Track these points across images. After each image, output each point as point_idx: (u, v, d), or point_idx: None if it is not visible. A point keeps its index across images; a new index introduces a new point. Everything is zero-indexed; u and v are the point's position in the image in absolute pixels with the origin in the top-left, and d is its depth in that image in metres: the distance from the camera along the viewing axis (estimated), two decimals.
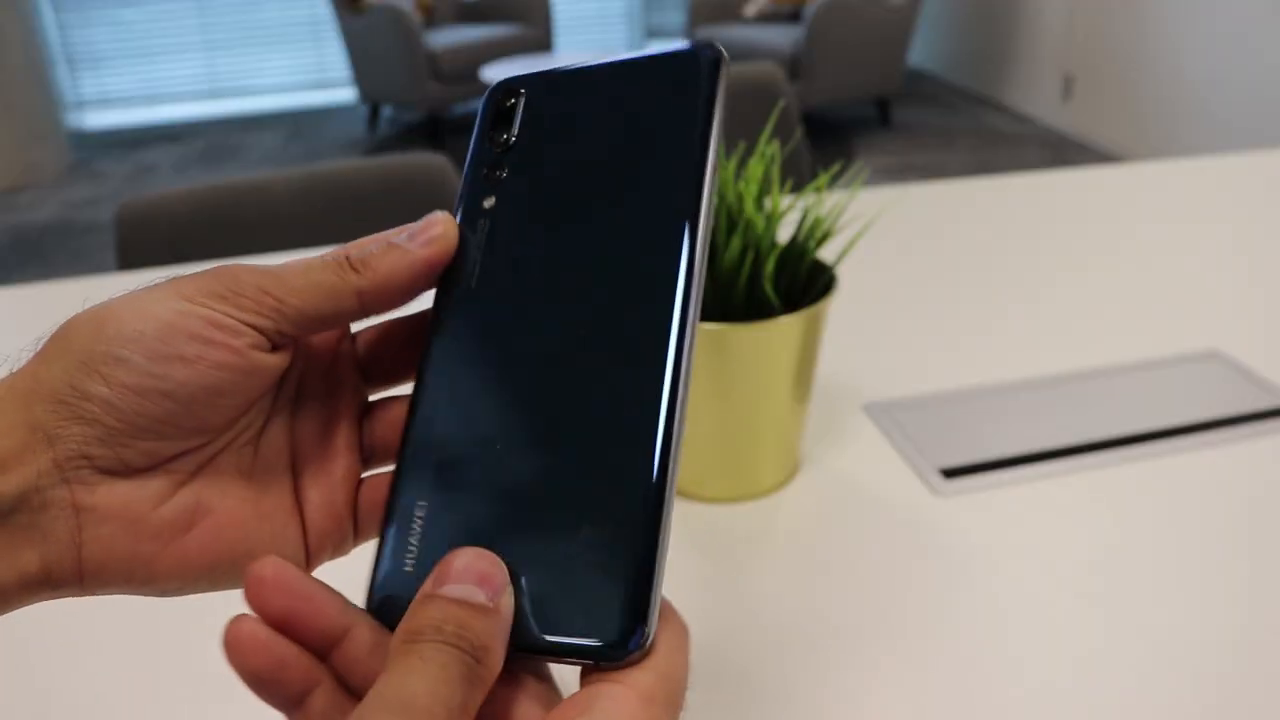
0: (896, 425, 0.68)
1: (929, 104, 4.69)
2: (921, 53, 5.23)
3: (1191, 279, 0.90)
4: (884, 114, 4.34)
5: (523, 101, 0.31)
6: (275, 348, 0.29)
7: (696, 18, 4.36)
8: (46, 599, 0.27)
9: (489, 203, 0.30)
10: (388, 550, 0.28)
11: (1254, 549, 0.56)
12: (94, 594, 0.27)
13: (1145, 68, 3.72)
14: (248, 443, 0.30)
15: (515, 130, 0.31)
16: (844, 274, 0.89)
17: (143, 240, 1.06)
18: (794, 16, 4.28)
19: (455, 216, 0.30)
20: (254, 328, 0.28)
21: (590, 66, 0.31)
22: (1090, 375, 0.74)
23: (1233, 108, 3.34)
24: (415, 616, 0.24)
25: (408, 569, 0.27)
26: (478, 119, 0.32)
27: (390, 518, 0.28)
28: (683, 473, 0.61)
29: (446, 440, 0.29)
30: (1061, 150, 3.97)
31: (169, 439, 0.27)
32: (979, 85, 4.83)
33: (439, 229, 0.30)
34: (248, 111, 4.98)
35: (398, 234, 0.30)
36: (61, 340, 0.27)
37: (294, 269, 0.28)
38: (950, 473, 0.63)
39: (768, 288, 0.55)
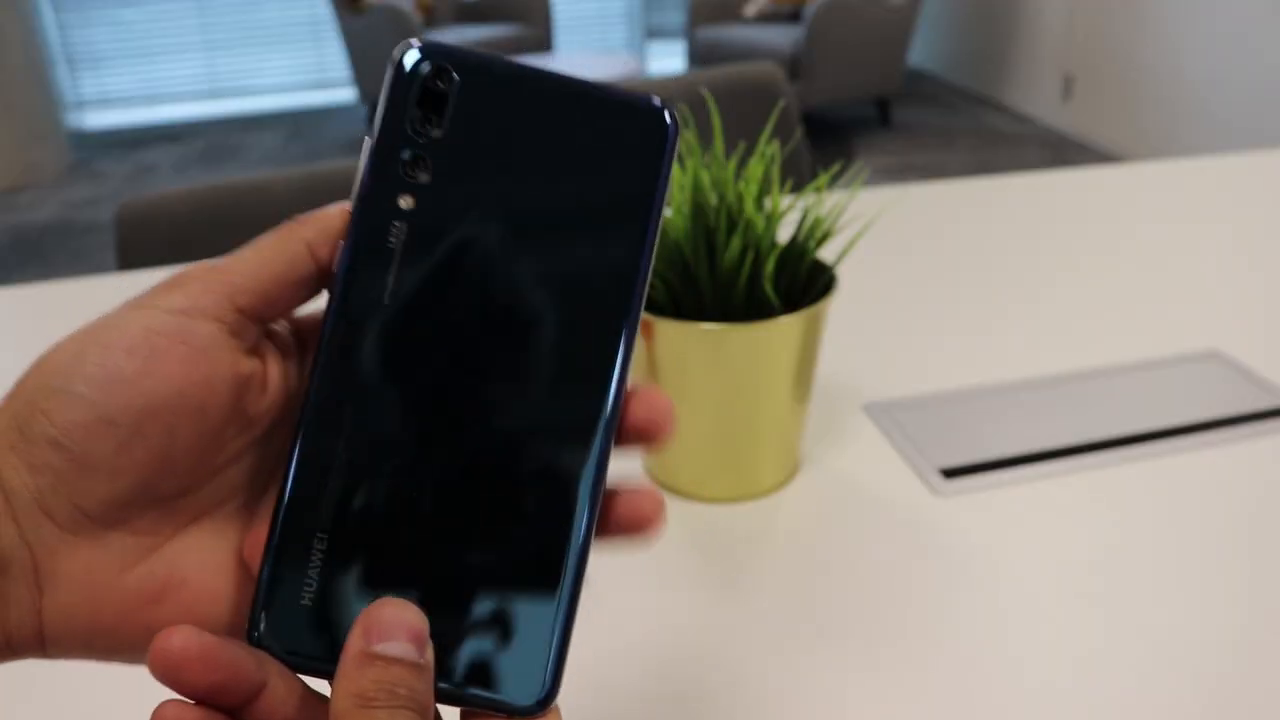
0: (896, 425, 0.68)
1: (929, 104, 4.68)
2: (921, 53, 5.23)
3: (1191, 279, 0.90)
4: (884, 114, 4.34)
5: (457, 89, 0.27)
6: (240, 348, 0.27)
7: (696, 18, 4.36)
8: (5, 660, 0.25)
9: (405, 203, 0.27)
10: (278, 580, 0.26)
11: (1254, 549, 0.56)
12: (58, 659, 0.26)
13: (1145, 68, 3.72)
14: (226, 499, 0.28)
15: (446, 123, 0.27)
16: (844, 274, 0.89)
17: (143, 240, 1.06)
18: (794, 16, 4.28)
19: (354, 200, 0.27)
20: (208, 316, 0.26)
21: (538, 75, 0.28)
22: (1090, 375, 0.74)
23: (1233, 108, 3.34)
24: (362, 678, 0.23)
25: (305, 602, 0.26)
26: (393, 84, 0.27)
27: (280, 546, 0.26)
28: (683, 473, 0.61)
29: (350, 470, 0.26)
30: (1061, 150, 3.97)
31: (126, 480, 0.25)
32: (979, 85, 4.83)
33: None
34: (248, 111, 4.98)
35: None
36: (17, 384, 0.25)
37: (238, 253, 0.27)
38: (950, 473, 0.63)
39: (768, 288, 0.55)
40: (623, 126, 0.28)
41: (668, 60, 5.31)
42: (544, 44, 4.48)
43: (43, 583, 0.25)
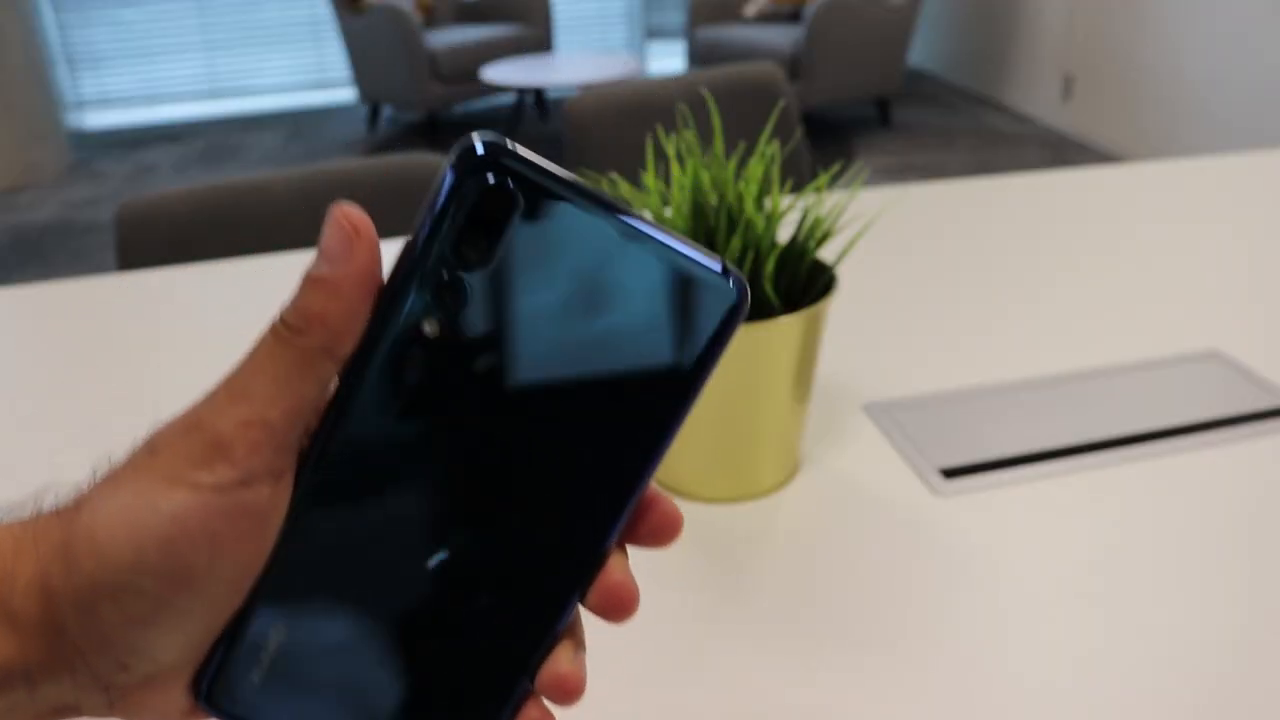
0: (896, 425, 0.68)
1: (929, 104, 4.68)
2: (921, 53, 5.23)
3: (1191, 279, 0.90)
4: (884, 114, 4.34)
5: (517, 212, 0.25)
6: (284, 481, 0.27)
7: (696, 18, 4.36)
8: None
9: (430, 328, 0.25)
10: (234, 649, 0.26)
11: (1254, 549, 0.56)
12: None
13: (1145, 68, 3.72)
14: None
15: (496, 252, 0.25)
16: (844, 274, 0.89)
17: (143, 240, 1.06)
18: (794, 16, 4.28)
19: (379, 312, 0.25)
20: (259, 479, 0.25)
21: (606, 209, 0.25)
22: (1090, 375, 0.74)
23: (1233, 108, 3.34)
24: None
25: (253, 680, 0.27)
26: (449, 191, 0.25)
27: (245, 620, 0.26)
28: (683, 473, 0.61)
29: (321, 586, 0.27)
30: (1061, 150, 3.97)
31: (195, 635, 0.26)
32: (979, 85, 4.83)
33: (344, 232, 0.25)
34: (248, 111, 4.98)
35: (314, 267, 0.25)
36: (67, 552, 0.25)
37: (248, 379, 0.25)
38: (950, 473, 0.63)
39: (768, 288, 0.55)
40: (685, 286, 0.25)
41: (668, 60, 5.31)
42: (544, 44, 4.48)
43: (116, 705, 0.26)
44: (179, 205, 1.09)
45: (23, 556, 0.25)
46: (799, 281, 0.59)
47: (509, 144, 0.25)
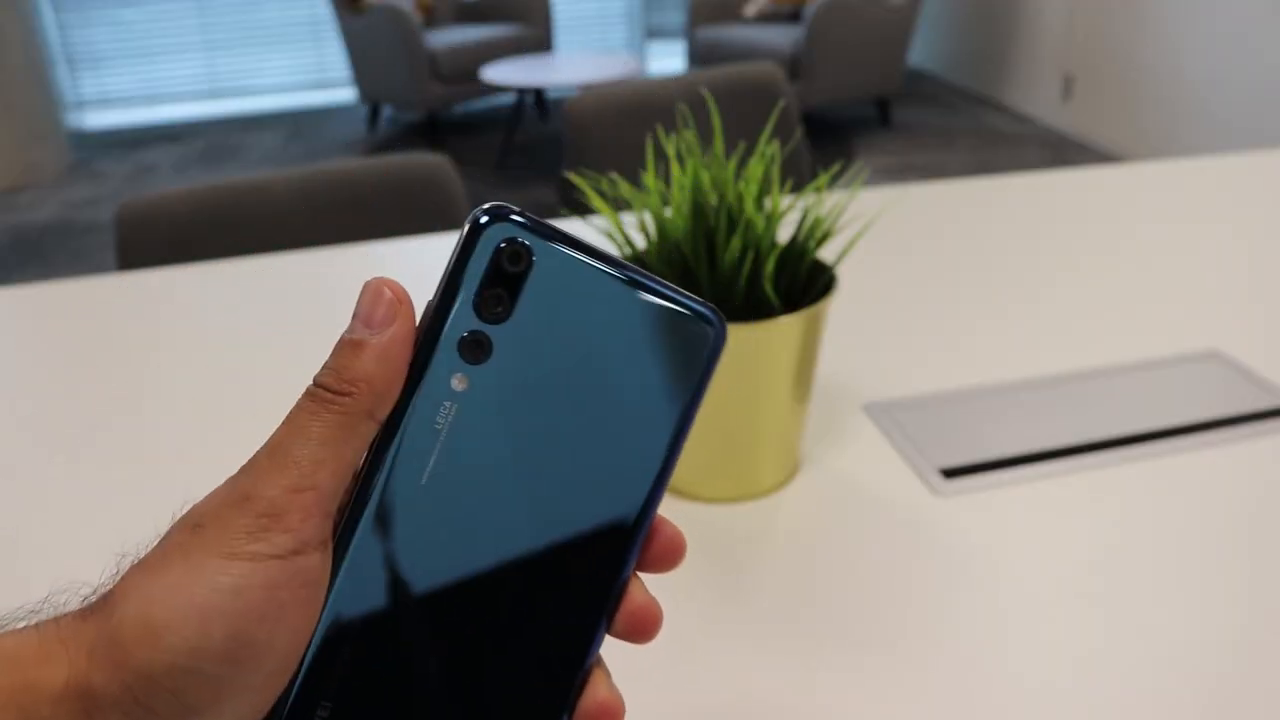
0: (896, 425, 0.68)
1: (929, 104, 4.68)
2: (921, 53, 5.23)
3: (1191, 279, 0.90)
4: (884, 114, 4.34)
5: (531, 271, 0.27)
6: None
7: (696, 18, 4.36)
8: None
9: (458, 383, 0.27)
10: None
11: (1254, 549, 0.56)
12: None
13: (1145, 68, 3.72)
14: None
15: (515, 307, 0.27)
16: (844, 274, 0.89)
17: (143, 240, 1.06)
18: (794, 16, 4.28)
19: (425, 375, 0.27)
20: (313, 546, 0.25)
21: (605, 263, 0.28)
22: (1090, 375, 0.74)
23: (1233, 108, 3.34)
24: None
25: None
26: (469, 254, 0.27)
27: (295, 703, 0.27)
28: (683, 473, 0.61)
29: (363, 650, 0.27)
30: (1061, 150, 3.97)
31: (257, 705, 0.26)
32: (979, 85, 4.83)
33: (386, 299, 0.26)
34: (248, 111, 4.98)
35: (350, 332, 0.26)
36: (113, 649, 0.24)
37: (291, 444, 0.25)
38: (950, 473, 0.63)
39: (768, 288, 0.55)
40: (673, 328, 0.28)
41: (668, 60, 5.31)
42: (544, 44, 4.48)
43: None
44: (179, 205, 1.09)
45: (51, 663, 0.24)
46: (799, 281, 0.59)
47: (516, 208, 0.27)
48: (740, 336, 0.55)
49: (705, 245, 0.56)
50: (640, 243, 0.60)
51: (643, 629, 0.29)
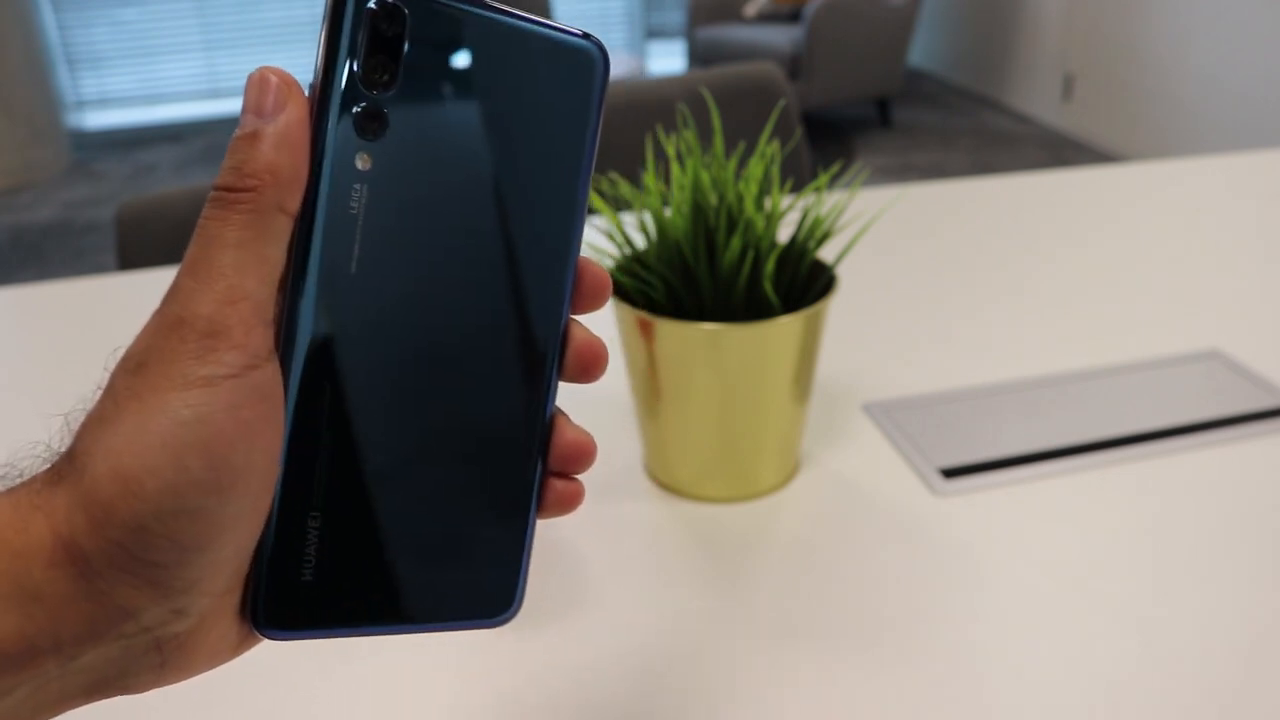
0: (896, 425, 0.68)
1: (929, 104, 4.68)
2: (921, 53, 5.23)
3: (1191, 279, 0.90)
4: (884, 114, 4.34)
5: (408, 33, 0.26)
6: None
7: (696, 18, 4.36)
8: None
9: (362, 163, 0.26)
10: (276, 562, 0.27)
11: (1254, 549, 0.56)
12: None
13: (1145, 68, 3.72)
14: None
15: (401, 72, 0.26)
16: (844, 274, 0.89)
17: (142, 240, 1.06)
18: (794, 16, 4.28)
19: (325, 160, 0.25)
20: (264, 356, 0.24)
21: (475, 11, 0.27)
22: (1090, 375, 0.74)
23: (1233, 108, 3.33)
24: None
25: (306, 578, 0.27)
26: (336, 24, 0.25)
27: (278, 531, 0.27)
28: (683, 473, 0.61)
29: (333, 450, 0.27)
30: (1061, 150, 3.97)
31: (247, 541, 0.25)
32: (979, 85, 4.83)
33: (273, 84, 0.25)
34: None
35: (242, 127, 0.25)
36: (90, 506, 0.23)
37: (210, 254, 0.24)
38: (950, 473, 0.63)
39: (768, 288, 0.55)
40: (557, 61, 0.28)
41: (668, 60, 5.31)
42: None
43: (169, 655, 0.25)
44: (179, 205, 1.09)
45: (32, 530, 0.23)
46: (799, 281, 0.59)
47: None
48: (740, 336, 0.55)
49: (705, 245, 0.56)
50: (640, 243, 0.60)
51: (591, 364, 0.29)
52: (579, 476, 0.30)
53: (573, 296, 0.29)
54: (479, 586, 0.29)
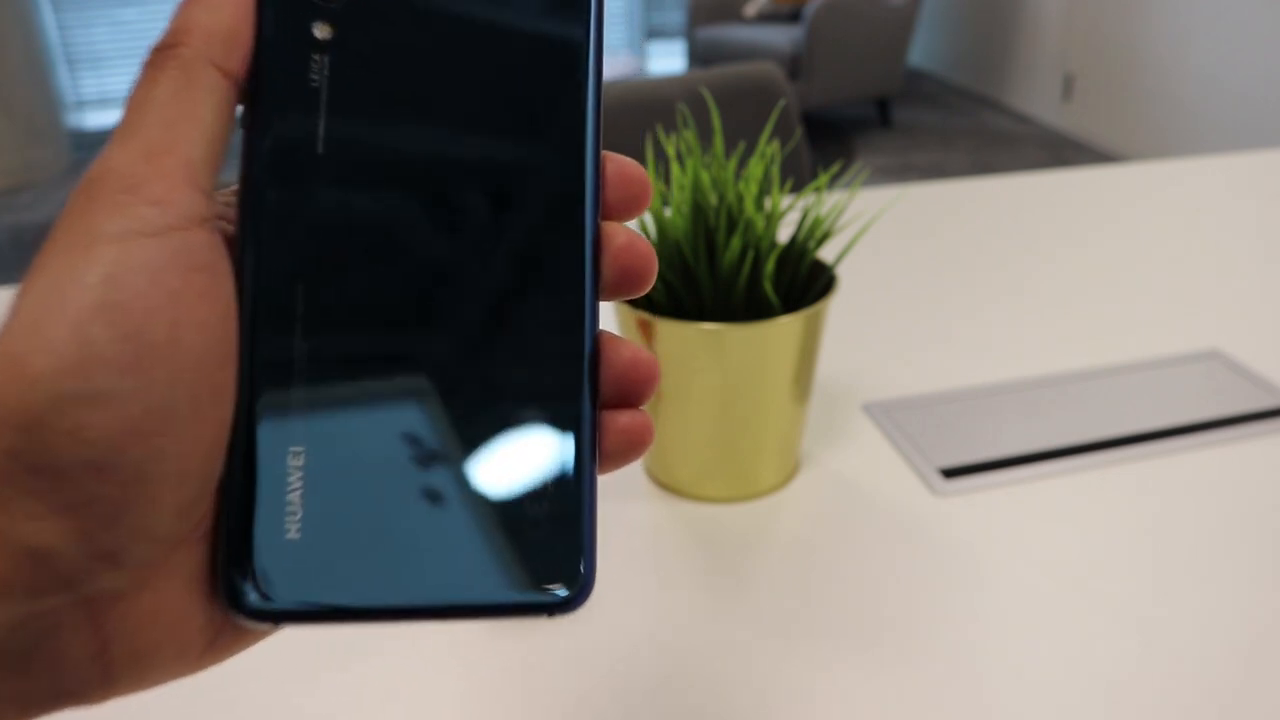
0: (896, 425, 0.68)
1: (929, 104, 4.68)
2: (921, 53, 5.23)
3: (1191, 279, 0.90)
4: (884, 114, 4.34)
5: None
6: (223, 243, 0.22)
7: (696, 17, 4.36)
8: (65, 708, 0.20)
9: (321, 31, 0.22)
10: (247, 510, 0.21)
11: (1254, 549, 0.56)
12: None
13: (1145, 68, 3.72)
14: None
15: None
16: (844, 274, 0.89)
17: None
18: (794, 16, 4.28)
19: (277, 26, 0.22)
20: (196, 221, 0.20)
21: None
22: (1090, 375, 0.74)
23: (1233, 108, 3.33)
24: None
25: (290, 535, 0.21)
26: None
27: (245, 468, 0.21)
28: (683, 473, 0.61)
29: (314, 364, 0.22)
30: (1061, 150, 3.97)
31: (193, 473, 0.20)
32: (979, 85, 4.83)
33: None
34: None
35: None
36: None
37: (132, 116, 0.21)
38: (950, 473, 0.63)
39: (768, 288, 0.55)
40: None
41: (668, 60, 5.31)
42: None
43: (110, 637, 0.19)
44: None
45: None
46: (799, 281, 0.59)
47: None
48: (740, 336, 0.55)
49: (705, 245, 0.56)
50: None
51: (640, 269, 0.24)
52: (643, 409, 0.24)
53: (603, 189, 0.24)
54: (526, 556, 0.22)
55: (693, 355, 0.56)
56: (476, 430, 0.22)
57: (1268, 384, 0.72)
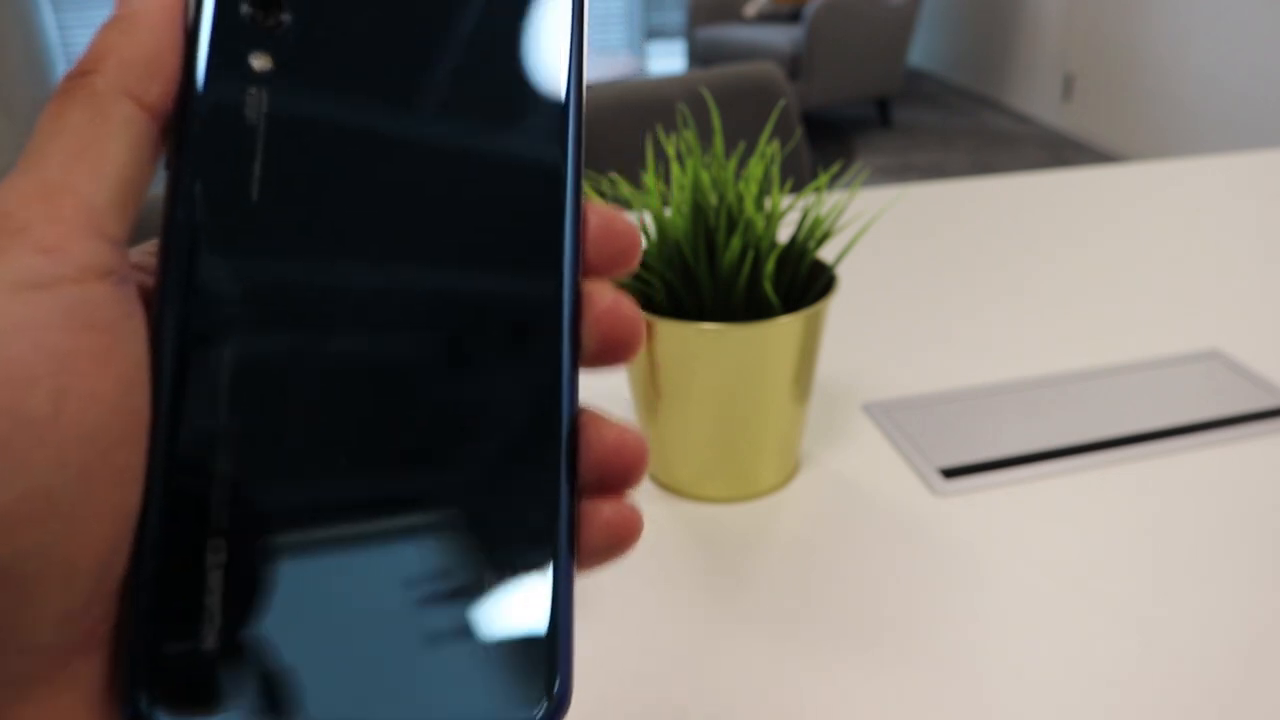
0: (896, 425, 0.68)
1: (929, 104, 4.69)
2: (921, 53, 5.23)
3: (1191, 279, 0.90)
4: (884, 114, 4.34)
5: None
6: (132, 296, 0.19)
7: (696, 17, 4.36)
8: None
9: (260, 61, 0.20)
10: (154, 613, 0.18)
11: (1254, 549, 0.56)
12: None
13: (1145, 68, 3.72)
14: None
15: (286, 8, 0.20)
16: (844, 274, 0.89)
17: (142, 240, 1.06)
18: (794, 16, 4.28)
19: (208, 58, 0.20)
20: (95, 272, 0.17)
21: None
22: (1090, 375, 0.74)
23: (1233, 108, 3.34)
24: None
25: (206, 644, 0.18)
26: None
27: (156, 562, 0.18)
28: (682, 473, 0.61)
29: (238, 448, 0.18)
30: (1061, 150, 3.97)
31: (85, 571, 0.17)
32: (979, 85, 4.83)
33: None
34: None
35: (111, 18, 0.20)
36: None
37: (34, 149, 0.18)
38: (950, 473, 0.63)
39: (768, 288, 0.55)
40: None
41: (668, 60, 5.31)
42: None
43: None
44: None
45: None
46: (799, 281, 0.59)
47: None
48: (740, 336, 0.55)
49: (705, 245, 0.56)
50: (640, 243, 0.60)
51: (626, 337, 0.21)
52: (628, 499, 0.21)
53: (584, 245, 0.21)
54: (489, 672, 0.18)
55: (693, 355, 0.56)
56: (433, 529, 0.19)
57: (1268, 384, 0.72)
